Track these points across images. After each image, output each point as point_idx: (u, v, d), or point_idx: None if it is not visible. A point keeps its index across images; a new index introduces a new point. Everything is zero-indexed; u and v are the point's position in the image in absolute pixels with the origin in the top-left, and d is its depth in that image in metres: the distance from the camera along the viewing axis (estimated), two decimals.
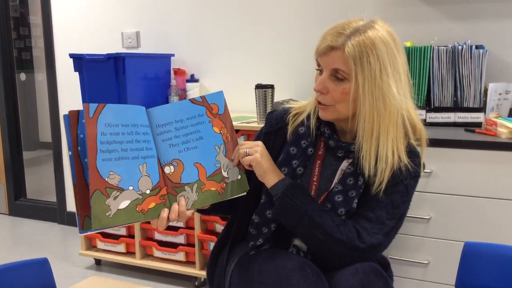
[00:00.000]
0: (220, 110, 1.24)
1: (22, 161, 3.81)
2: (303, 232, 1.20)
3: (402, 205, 1.23)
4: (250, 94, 2.45)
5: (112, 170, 1.07)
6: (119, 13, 3.06)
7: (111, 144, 1.08)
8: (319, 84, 1.19)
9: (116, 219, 1.07)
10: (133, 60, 2.53)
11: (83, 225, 1.09)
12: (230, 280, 1.31)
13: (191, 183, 1.18)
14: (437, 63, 2.08)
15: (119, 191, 1.08)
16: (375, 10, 2.41)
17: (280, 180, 1.22)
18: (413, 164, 1.20)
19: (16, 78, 3.77)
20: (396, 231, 1.25)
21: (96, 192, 1.05)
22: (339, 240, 1.16)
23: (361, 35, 1.12)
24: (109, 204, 1.06)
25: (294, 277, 1.12)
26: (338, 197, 1.22)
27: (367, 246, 1.17)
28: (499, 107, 2.04)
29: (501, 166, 1.74)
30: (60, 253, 2.99)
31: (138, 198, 1.11)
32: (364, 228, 1.18)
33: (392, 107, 1.14)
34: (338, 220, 1.19)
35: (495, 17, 2.21)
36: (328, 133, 1.26)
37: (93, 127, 1.07)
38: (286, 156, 1.28)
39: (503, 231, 1.77)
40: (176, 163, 1.17)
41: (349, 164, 1.24)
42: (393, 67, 1.14)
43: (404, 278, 1.94)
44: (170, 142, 1.18)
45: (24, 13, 4.51)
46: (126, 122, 1.12)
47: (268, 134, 1.34)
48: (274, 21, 2.68)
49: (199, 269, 2.46)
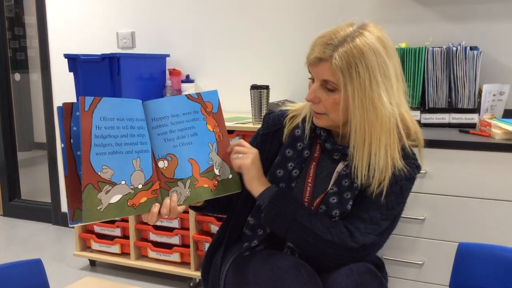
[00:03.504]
0: (214, 108, 1.25)
1: (16, 162, 3.79)
2: (294, 237, 1.19)
3: (397, 206, 1.23)
4: (245, 94, 2.45)
5: (105, 164, 1.07)
6: (114, 13, 3.06)
7: (105, 139, 1.08)
8: (311, 93, 1.19)
9: (106, 213, 1.07)
10: (128, 61, 2.52)
11: (73, 217, 1.09)
12: (224, 280, 1.31)
13: (184, 178, 1.18)
14: (431, 64, 2.09)
15: (111, 185, 1.08)
16: (371, 11, 2.41)
17: (267, 189, 1.21)
18: (408, 167, 1.20)
19: (10, 78, 3.76)
20: (391, 231, 1.25)
21: (88, 186, 1.05)
22: (330, 242, 1.16)
23: (349, 44, 1.11)
24: (100, 198, 1.06)
25: (289, 278, 1.12)
26: (333, 199, 1.22)
27: (359, 245, 1.17)
28: (493, 108, 2.05)
29: (495, 167, 1.75)
30: (54, 254, 2.98)
31: (130, 192, 1.11)
32: (358, 228, 1.19)
33: (383, 116, 1.13)
34: (328, 222, 1.19)
35: (489, 18, 2.22)
36: (325, 136, 1.26)
37: (88, 121, 1.06)
38: (282, 158, 1.28)
39: (497, 232, 1.78)
40: (170, 157, 1.17)
41: (344, 166, 1.24)
42: (384, 75, 1.13)
43: (398, 278, 1.94)
44: (165, 136, 1.17)
45: (19, 13, 4.50)
46: (121, 116, 1.11)
47: (265, 135, 1.35)
48: (269, 22, 2.68)
49: (194, 270, 2.46)
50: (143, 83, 2.66)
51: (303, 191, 1.28)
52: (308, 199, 1.27)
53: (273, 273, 1.14)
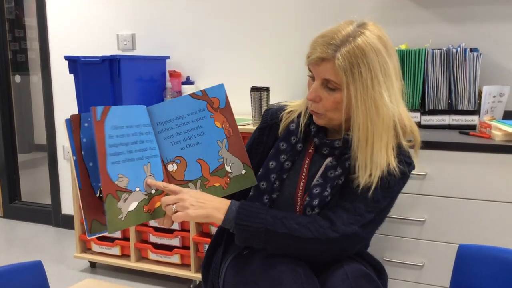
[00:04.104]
0: (221, 104, 1.23)
1: (17, 164, 3.79)
2: (274, 248, 1.17)
3: (383, 200, 1.21)
4: (246, 96, 2.45)
5: (121, 172, 1.07)
6: (114, 15, 3.06)
7: (118, 147, 1.08)
8: (312, 92, 1.19)
9: (127, 221, 1.07)
10: (129, 63, 2.53)
11: (91, 229, 1.09)
12: (224, 279, 1.31)
13: (195, 179, 1.18)
14: (431, 66, 2.09)
15: (128, 193, 1.08)
16: (371, 12, 2.41)
17: (227, 212, 1.15)
18: (400, 164, 1.20)
19: (11, 80, 3.76)
20: (376, 225, 1.24)
21: (109, 196, 1.05)
22: (311, 239, 1.14)
23: (351, 44, 1.11)
24: (120, 207, 1.06)
25: (285, 278, 1.12)
26: (316, 189, 1.23)
27: (340, 235, 1.15)
28: (493, 110, 2.05)
29: (496, 169, 1.75)
30: (55, 256, 2.98)
31: (145, 198, 1.11)
32: (340, 217, 1.17)
33: (385, 114, 1.14)
34: (304, 219, 1.17)
35: (489, 20, 2.22)
36: (314, 131, 1.27)
37: (101, 131, 1.06)
38: (276, 150, 1.30)
39: (497, 234, 1.78)
40: (179, 160, 1.17)
41: (331, 159, 1.25)
42: (385, 74, 1.13)
43: (398, 280, 1.94)
44: (171, 139, 1.17)
45: (19, 15, 4.50)
46: (130, 123, 1.12)
47: (263, 129, 1.37)
48: (270, 23, 2.68)
49: (194, 272, 2.45)
50: (143, 85, 2.66)
51: (296, 186, 1.29)
52: (301, 194, 1.28)
53: (271, 273, 1.14)
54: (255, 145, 1.37)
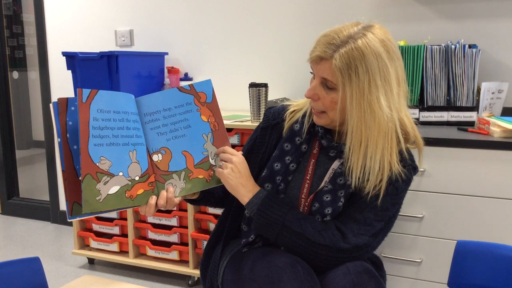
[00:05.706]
0: (208, 98, 1.25)
1: (15, 160, 3.79)
2: (284, 242, 1.20)
3: (392, 208, 1.23)
4: (244, 92, 2.45)
5: (103, 155, 1.08)
6: (112, 11, 3.05)
7: (102, 130, 1.09)
8: (310, 90, 1.19)
9: (105, 203, 1.08)
10: (127, 59, 2.52)
11: (72, 211, 1.10)
12: (222, 277, 1.31)
13: (179, 171, 1.19)
14: (430, 62, 2.08)
15: (110, 176, 1.09)
16: (369, 9, 2.41)
17: (254, 196, 1.21)
18: (405, 169, 1.20)
19: (9, 77, 3.75)
20: (385, 233, 1.25)
21: (87, 176, 1.06)
22: (322, 245, 1.17)
23: (351, 45, 1.10)
24: (99, 189, 1.07)
25: (285, 275, 1.12)
26: (327, 196, 1.23)
27: (352, 246, 1.17)
28: (492, 106, 2.05)
29: (494, 165, 1.75)
30: (53, 252, 2.98)
31: (128, 184, 1.12)
32: (350, 229, 1.19)
33: (380, 119, 1.12)
34: (320, 225, 1.20)
35: (488, 16, 2.22)
36: (322, 133, 1.26)
37: (86, 112, 1.08)
38: (280, 152, 1.28)
39: (495, 230, 1.78)
40: (164, 151, 1.19)
41: (340, 164, 1.24)
42: (384, 78, 1.12)
43: (397, 276, 1.95)
44: (158, 130, 1.19)
45: (17, 11, 4.49)
46: (117, 109, 1.13)
47: (265, 129, 1.36)
48: (268, 19, 2.68)
49: (192, 268, 2.46)
50: (141, 81, 2.66)
51: (301, 187, 1.28)
52: (306, 195, 1.27)
53: (270, 270, 1.15)
54: (257, 145, 1.36)
